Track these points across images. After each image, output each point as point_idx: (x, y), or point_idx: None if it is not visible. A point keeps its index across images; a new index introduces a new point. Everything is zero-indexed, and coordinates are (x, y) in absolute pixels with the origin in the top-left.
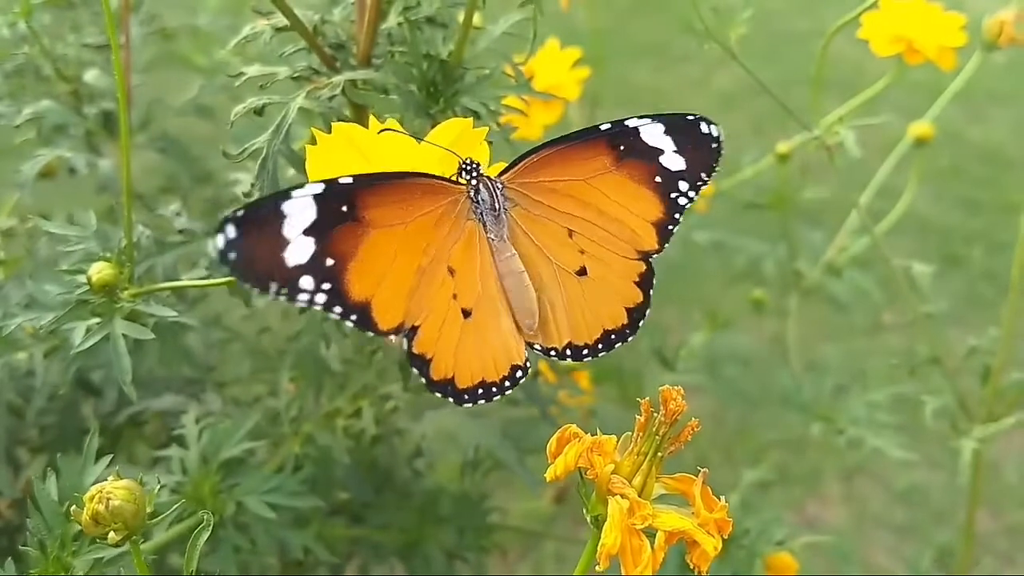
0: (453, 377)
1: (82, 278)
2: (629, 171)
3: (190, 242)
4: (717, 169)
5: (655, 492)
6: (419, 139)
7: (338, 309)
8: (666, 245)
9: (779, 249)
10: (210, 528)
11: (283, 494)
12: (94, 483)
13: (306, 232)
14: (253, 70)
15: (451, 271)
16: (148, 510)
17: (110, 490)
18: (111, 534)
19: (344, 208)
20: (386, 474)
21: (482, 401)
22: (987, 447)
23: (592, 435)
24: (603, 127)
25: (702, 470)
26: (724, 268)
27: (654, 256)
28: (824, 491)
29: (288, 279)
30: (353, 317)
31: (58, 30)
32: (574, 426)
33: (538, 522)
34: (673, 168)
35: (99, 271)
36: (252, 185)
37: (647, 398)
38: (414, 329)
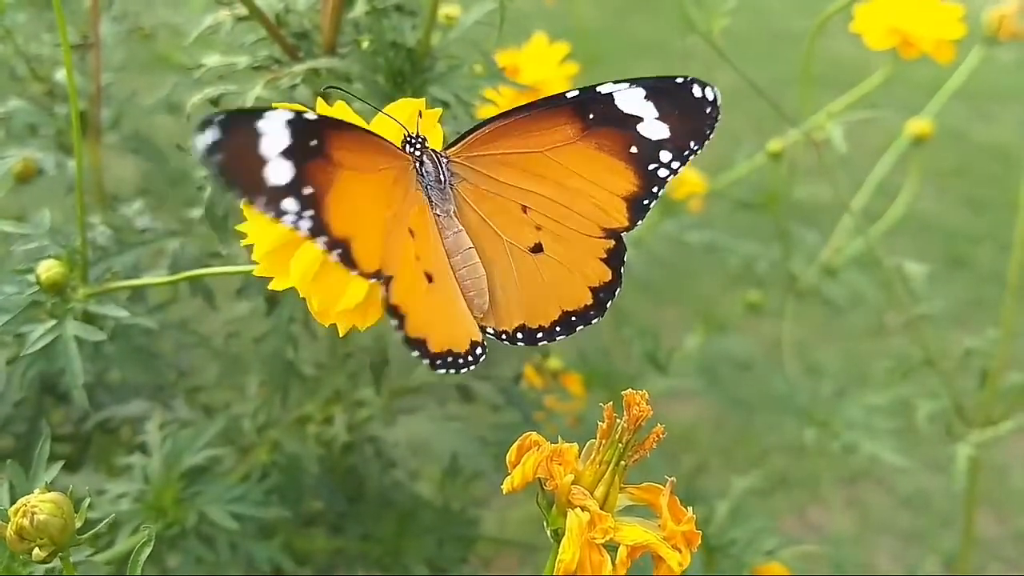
0: (426, 339)
1: (32, 277)
2: (598, 141)
3: (152, 241)
4: (711, 137)
5: (620, 503)
6: (367, 120)
7: (323, 240)
8: (639, 222)
9: (773, 250)
10: (151, 545)
11: (247, 503)
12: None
13: (283, 155)
14: (213, 60)
15: (411, 233)
16: (78, 524)
17: (35, 503)
18: (36, 550)
19: (314, 142)
20: (362, 483)
21: (452, 371)
22: (994, 450)
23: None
24: (569, 94)
25: (669, 479)
26: (721, 269)
27: (624, 233)
28: (827, 496)
29: (271, 197)
30: (337, 251)
31: (33, 29)
32: (535, 434)
33: (537, 526)
34: (654, 137)
35: (47, 269)
36: (204, 177)
37: (610, 403)
38: (390, 279)
